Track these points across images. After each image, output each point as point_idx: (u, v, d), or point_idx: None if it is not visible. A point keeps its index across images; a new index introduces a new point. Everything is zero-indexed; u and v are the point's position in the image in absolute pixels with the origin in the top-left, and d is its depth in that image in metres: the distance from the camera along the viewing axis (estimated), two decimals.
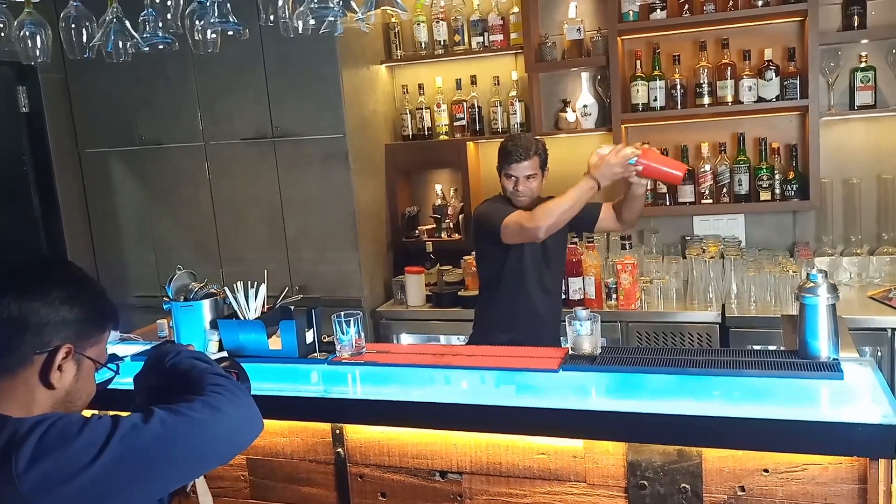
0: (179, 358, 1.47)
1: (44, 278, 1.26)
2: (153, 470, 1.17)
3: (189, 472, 1.25)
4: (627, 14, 3.64)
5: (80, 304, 1.27)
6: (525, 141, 2.81)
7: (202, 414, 1.25)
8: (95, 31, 2.22)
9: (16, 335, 1.21)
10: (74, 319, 1.25)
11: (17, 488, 1.08)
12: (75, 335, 1.26)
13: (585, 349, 2.12)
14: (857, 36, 3.45)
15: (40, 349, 1.23)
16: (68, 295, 1.25)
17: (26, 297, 1.21)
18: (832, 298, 1.92)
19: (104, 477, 1.12)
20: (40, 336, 1.22)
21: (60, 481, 1.09)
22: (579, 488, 1.85)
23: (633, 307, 3.45)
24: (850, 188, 3.59)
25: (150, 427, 1.18)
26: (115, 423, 1.17)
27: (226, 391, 1.33)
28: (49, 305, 1.23)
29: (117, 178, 4.23)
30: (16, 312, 1.20)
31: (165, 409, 1.23)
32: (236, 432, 1.31)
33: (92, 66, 3.25)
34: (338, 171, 3.80)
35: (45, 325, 1.22)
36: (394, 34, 4.12)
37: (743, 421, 1.68)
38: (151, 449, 1.17)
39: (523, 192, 2.79)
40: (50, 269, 1.31)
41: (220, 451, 1.28)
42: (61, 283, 1.27)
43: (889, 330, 3.06)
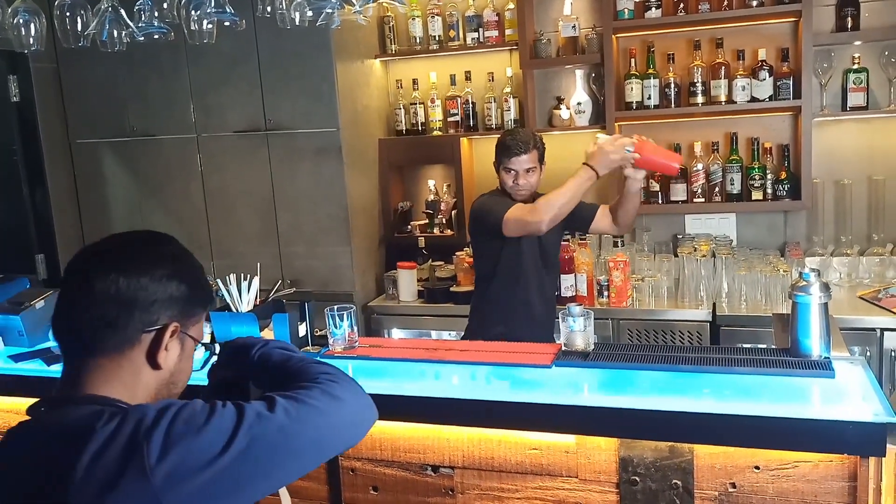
0: (269, 349, 1.40)
1: (150, 253, 1.20)
2: (278, 460, 1.11)
3: (309, 463, 1.18)
4: (622, 12, 3.65)
5: (186, 281, 1.21)
6: (524, 135, 2.82)
7: (322, 402, 1.19)
8: (90, 19, 2.21)
9: (124, 313, 1.14)
10: (180, 296, 1.20)
11: (149, 481, 1.01)
12: (180, 313, 1.20)
13: (578, 345, 2.13)
14: (850, 37, 3.47)
15: (149, 327, 1.17)
16: (175, 270, 1.20)
17: (134, 273, 1.15)
18: (825, 297, 1.93)
19: (233, 468, 1.06)
20: (149, 313, 1.16)
21: (190, 474, 1.03)
22: (571, 483, 1.85)
23: (624, 305, 3.46)
24: (842, 189, 3.61)
25: (276, 416, 1.12)
26: (240, 411, 1.11)
27: (339, 379, 1.27)
28: (157, 281, 1.17)
29: (108, 170, 4.20)
30: (124, 288, 1.14)
31: (285, 397, 1.17)
32: (356, 421, 1.26)
33: (84, 55, 3.23)
34: (331, 166, 3.79)
35: (153, 303, 1.16)
36: (388, 28, 4.11)
37: (735, 418, 1.69)
38: (277, 439, 1.11)
39: (523, 186, 2.80)
40: (154, 244, 1.24)
41: (339, 441, 1.23)
42: (168, 258, 1.21)
43: (878, 330, 3.08)
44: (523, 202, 2.79)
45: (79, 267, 1.18)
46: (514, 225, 2.67)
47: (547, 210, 2.58)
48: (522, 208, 2.69)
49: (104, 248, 1.21)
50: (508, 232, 2.70)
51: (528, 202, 2.78)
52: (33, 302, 2.53)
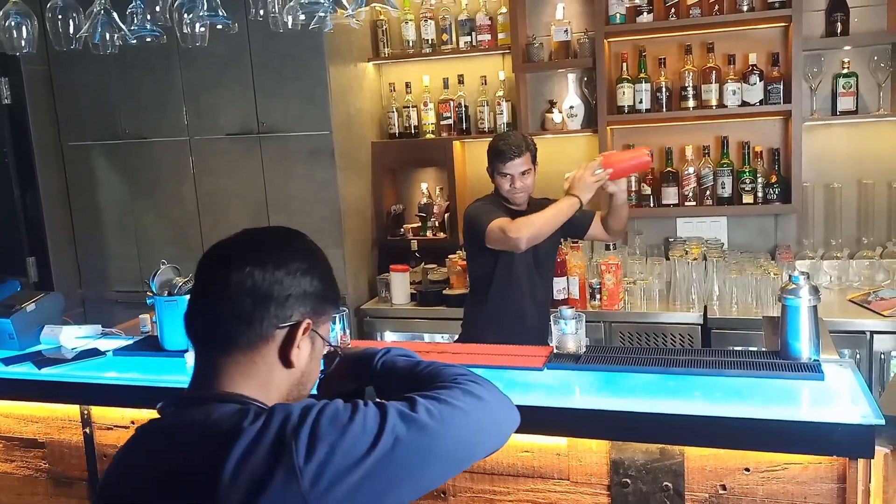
0: (391, 356, 1.35)
1: (285, 247, 1.18)
2: (423, 463, 1.06)
3: (453, 467, 1.12)
4: (614, 17, 3.67)
5: (319, 277, 1.18)
6: (515, 138, 2.83)
7: (465, 403, 1.14)
8: (82, 22, 2.21)
9: (259, 307, 1.11)
10: (314, 293, 1.16)
11: (299, 483, 0.97)
12: (313, 310, 1.17)
13: (570, 348, 2.13)
14: (839, 42, 3.50)
15: (282, 323, 1.13)
16: (310, 265, 1.17)
17: (270, 267, 1.13)
18: (814, 300, 1.94)
19: (379, 471, 1.02)
20: (283, 308, 1.13)
21: (338, 475, 0.99)
22: (562, 486, 1.85)
23: (616, 308, 3.47)
24: (831, 192, 3.63)
25: (418, 416, 1.07)
26: (383, 410, 1.07)
27: (478, 380, 1.21)
28: (292, 276, 1.14)
29: (100, 172, 4.19)
30: (260, 282, 1.11)
31: (426, 397, 1.12)
32: (499, 423, 1.20)
33: (76, 58, 3.22)
34: (323, 169, 3.79)
35: (287, 297, 1.13)
36: (382, 32, 4.12)
37: (725, 420, 1.70)
38: (421, 440, 1.06)
39: (520, 189, 2.81)
40: (289, 239, 1.21)
41: (485, 444, 1.17)
42: (302, 253, 1.18)
43: (868, 333, 3.10)
44: (520, 205, 2.83)
45: (213, 261, 1.17)
46: (496, 238, 2.69)
47: (527, 229, 2.62)
48: (505, 223, 2.68)
49: (239, 242, 1.19)
50: (490, 244, 2.72)
51: (523, 205, 2.83)
52: (24, 305, 2.52)
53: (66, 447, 2.31)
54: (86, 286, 4.31)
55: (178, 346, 2.35)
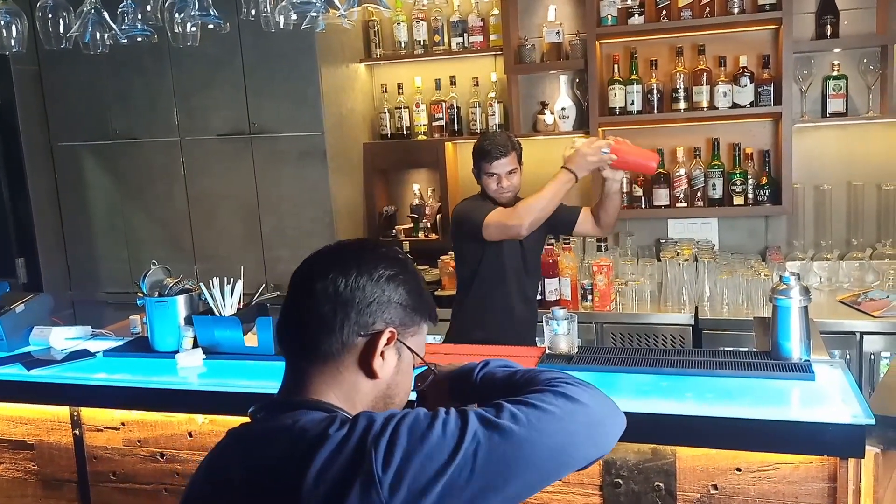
0: (491, 368, 1.31)
1: (371, 255, 1.15)
2: (510, 471, 1.00)
3: (547, 475, 1.05)
4: (606, 18, 3.67)
5: (405, 286, 1.14)
6: (500, 138, 2.83)
7: (557, 406, 1.07)
8: (73, 21, 2.20)
9: (340, 313, 1.09)
10: (398, 302, 1.13)
11: (379, 493, 0.95)
12: (398, 320, 1.13)
13: (562, 348, 2.13)
14: (829, 45, 3.51)
15: (364, 331, 1.10)
16: (394, 274, 1.13)
17: (353, 273, 1.11)
18: (804, 300, 1.95)
19: (461, 480, 0.97)
20: (365, 315, 1.10)
21: (418, 485, 0.96)
22: (554, 486, 1.85)
23: (608, 308, 3.47)
24: (822, 194, 3.65)
25: (502, 421, 1.02)
26: (464, 416, 1.02)
27: (575, 382, 1.16)
28: (375, 283, 1.11)
29: (90, 173, 4.17)
30: (341, 288, 1.09)
31: (514, 402, 1.07)
32: (600, 426, 1.12)
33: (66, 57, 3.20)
34: (315, 170, 3.78)
35: (370, 304, 1.10)
36: (374, 33, 4.11)
37: (716, 420, 1.70)
38: (507, 446, 1.00)
39: (507, 188, 2.81)
40: (375, 247, 1.19)
41: (582, 449, 1.09)
42: (388, 260, 1.15)
43: (858, 333, 3.11)
44: (505, 205, 2.81)
45: (302, 271, 1.16)
46: (495, 229, 2.68)
47: (527, 214, 2.61)
48: (502, 212, 2.70)
49: (328, 251, 1.18)
50: (489, 236, 2.70)
51: (510, 205, 2.81)
52: (13, 306, 2.50)
53: (55, 449, 2.30)
54: (75, 287, 4.29)
55: (168, 347, 2.35)
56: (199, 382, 2.16)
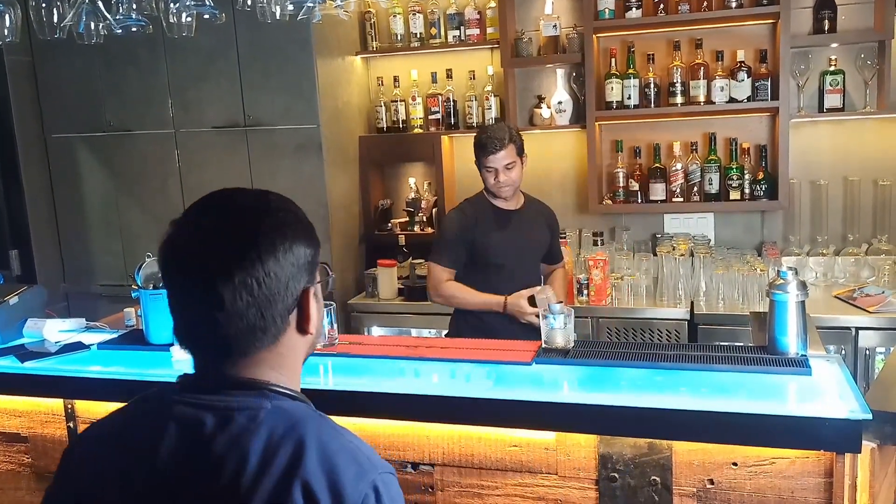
0: None
1: (262, 235, 1.05)
2: None
3: None
4: (603, 12, 3.66)
5: (302, 239, 1.09)
6: (498, 131, 2.78)
7: None
8: (67, 11, 2.18)
9: (267, 313, 1.04)
10: (304, 261, 1.09)
11: None
12: (309, 272, 1.10)
13: (558, 343, 2.13)
14: (827, 39, 3.51)
15: (292, 308, 1.08)
16: (291, 238, 1.07)
17: (257, 267, 1.03)
18: (801, 295, 1.95)
19: None
20: (288, 296, 1.07)
21: None
22: (551, 480, 1.85)
23: (603, 303, 3.47)
24: (818, 189, 3.65)
25: None
26: None
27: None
28: (283, 262, 1.05)
29: (84, 165, 4.15)
30: (255, 290, 1.02)
31: None
32: None
33: (60, 48, 3.18)
34: (310, 163, 3.77)
35: (288, 285, 1.06)
36: (370, 25, 4.10)
37: (713, 415, 1.70)
38: None
39: (505, 183, 2.79)
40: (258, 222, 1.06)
41: None
42: (279, 232, 1.06)
43: (853, 329, 3.11)
44: (507, 200, 2.84)
45: (191, 272, 1.04)
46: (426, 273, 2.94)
47: (444, 300, 2.86)
48: (434, 277, 2.85)
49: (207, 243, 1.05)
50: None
51: (512, 201, 2.85)
52: (7, 298, 2.49)
53: (49, 441, 2.28)
54: (69, 280, 4.27)
55: (163, 340, 2.33)
56: None
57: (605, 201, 3.85)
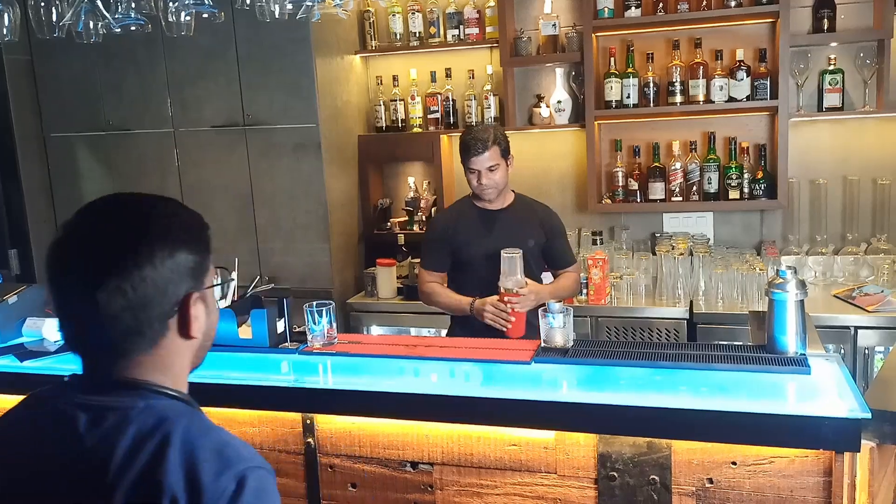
0: None
1: (141, 241, 1.05)
2: None
3: None
4: (602, 11, 3.66)
5: (187, 246, 1.09)
6: (481, 132, 2.71)
7: None
8: (66, 10, 2.17)
9: (143, 316, 1.05)
10: (186, 266, 1.08)
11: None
12: (193, 278, 1.10)
13: (558, 342, 2.13)
14: (826, 39, 3.51)
15: (171, 313, 1.08)
16: (172, 244, 1.07)
17: (136, 272, 1.03)
18: (801, 294, 1.95)
19: None
20: (166, 302, 1.07)
21: None
22: (550, 479, 1.85)
23: (602, 302, 3.47)
24: (817, 189, 3.65)
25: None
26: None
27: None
28: (161, 267, 1.05)
29: (83, 164, 4.14)
30: (132, 295, 1.03)
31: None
32: None
33: (59, 47, 3.18)
34: (309, 162, 3.76)
35: (166, 291, 1.06)
36: (369, 24, 4.09)
37: (712, 414, 1.70)
38: None
39: (487, 185, 2.72)
40: (137, 225, 1.08)
41: None
42: (159, 235, 1.07)
43: (852, 328, 3.12)
44: (491, 202, 2.78)
45: (69, 277, 1.06)
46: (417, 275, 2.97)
47: (424, 300, 2.90)
48: (421, 279, 2.90)
49: (85, 245, 1.06)
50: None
51: (494, 203, 2.79)
52: (6, 297, 2.49)
53: None
54: None
55: None
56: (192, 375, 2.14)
57: (605, 200, 3.85)
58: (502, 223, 2.81)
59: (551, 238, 2.87)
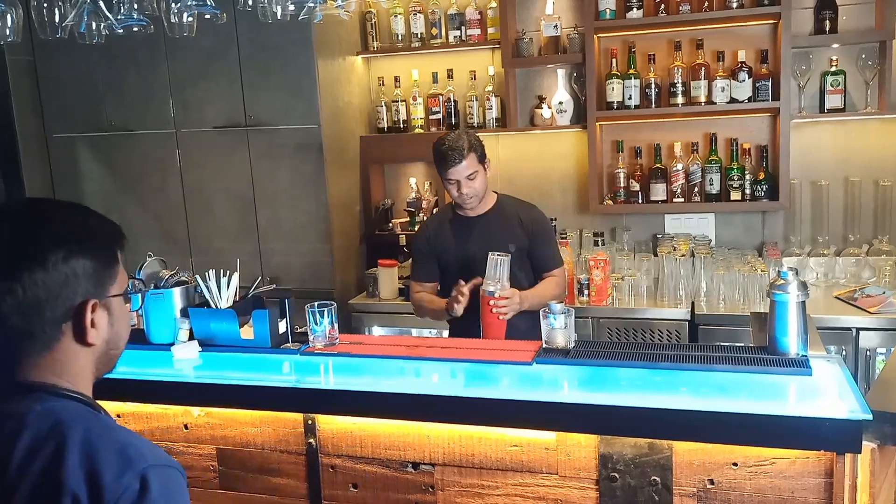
0: None
1: (31, 241, 1.06)
2: None
3: None
4: (604, 12, 3.66)
5: (85, 252, 1.08)
6: (455, 141, 2.62)
7: None
8: (68, 10, 2.18)
9: (34, 318, 1.05)
10: (84, 271, 1.08)
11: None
12: (94, 285, 1.09)
13: (559, 343, 2.13)
14: (828, 40, 3.51)
15: (66, 317, 1.07)
16: (68, 249, 1.06)
17: (24, 273, 1.03)
18: (802, 296, 1.95)
19: None
20: (59, 306, 1.06)
21: None
22: (551, 480, 1.85)
23: (604, 303, 3.47)
24: (819, 190, 3.65)
25: None
26: None
27: None
28: (53, 270, 1.05)
29: (85, 164, 4.15)
30: (21, 296, 1.03)
31: None
32: None
33: (61, 48, 3.18)
34: (311, 162, 3.77)
35: (59, 295, 1.05)
36: (370, 25, 4.10)
37: (713, 415, 1.70)
38: None
39: (468, 194, 2.65)
40: (28, 229, 1.07)
41: None
42: (56, 240, 1.07)
43: (854, 329, 3.11)
44: (473, 210, 2.75)
45: None
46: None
47: (417, 313, 2.90)
48: (411, 292, 2.91)
49: None
50: None
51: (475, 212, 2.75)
52: None
53: None
54: None
55: (164, 340, 2.34)
56: (194, 375, 2.15)
57: (606, 201, 3.85)
58: (480, 229, 2.76)
59: (534, 240, 2.77)
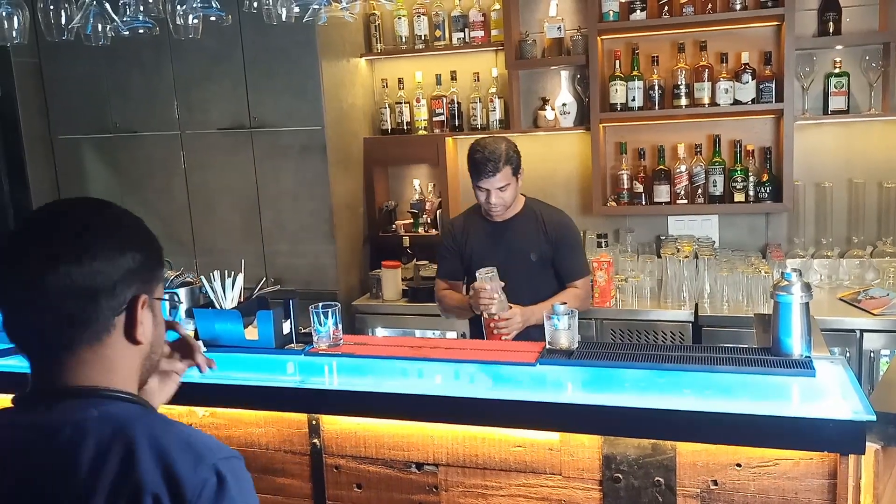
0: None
1: (91, 232, 1.08)
2: None
3: None
4: (608, 14, 3.67)
5: (138, 247, 1.11)
6: (494, 151, 2.60)
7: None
8: (74, 12, 2.19)
9: (89, 304, 1.05)
10: (138, 266, 1.10)
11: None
12: (143, 281, 1.12)
13: (562, 343, 2.13)
14: (831, 42, 3.51)
15: (118, 311, 1.08)
16: (122, 241, 1.10)
17: (86, 259, 1.04)
18: (806, 297, 1.95)
19: None
20: (114, 297, 1.07)
21: None
22: (554, 481, 1.86)
23: (607, 305, 3.47)
24: (822, 191, 3.65)
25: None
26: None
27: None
28: (111, 261, 1.07)
29: (90, 166, 4.16)
30: (80, 280, 1.04)
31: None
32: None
33: (66, 50, 3.19)
34: (315, 164, 3.78)
35: (115, 285, 1.07)
36: (374, 27, 4.11)
37: (717, 416, 1.70)
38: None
39: (497, 204, 2.67)
40: (89, 219, 1.10)
41: None
42: (111, 231, 1.10)
43: (858, 331, 3.11)
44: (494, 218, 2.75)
45: (16, 262, 1.06)
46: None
47: (441, 307, 2.92)
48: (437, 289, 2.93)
49: (37, 234, 1.07)
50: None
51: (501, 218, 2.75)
52: None
53: None
54: None
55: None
56: (199, 375, 2.15)
57: (610, 203, 3.85)
58: (510, 233, 2.77)
59: (557, 249, 2.75)
